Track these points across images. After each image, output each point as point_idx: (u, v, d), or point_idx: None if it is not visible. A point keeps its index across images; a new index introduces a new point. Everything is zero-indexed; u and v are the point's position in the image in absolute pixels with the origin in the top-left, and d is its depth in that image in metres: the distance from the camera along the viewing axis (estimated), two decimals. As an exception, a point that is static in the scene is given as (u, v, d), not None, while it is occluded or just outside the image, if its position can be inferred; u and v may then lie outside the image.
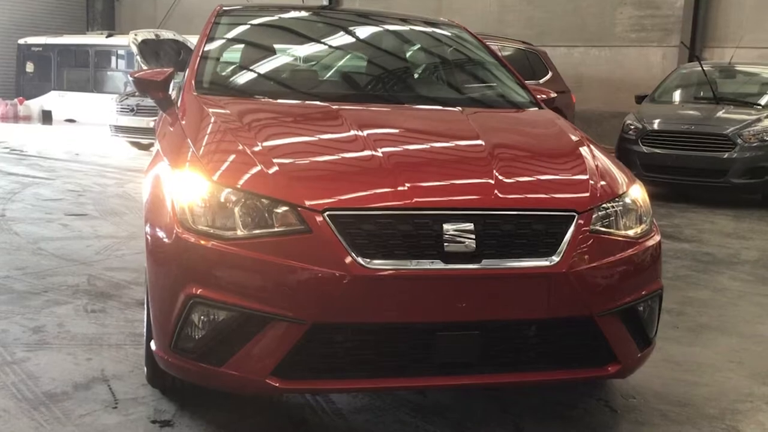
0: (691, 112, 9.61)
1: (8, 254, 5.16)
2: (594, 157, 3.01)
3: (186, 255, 2.47)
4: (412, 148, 2.99)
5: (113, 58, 18.52)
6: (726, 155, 8.78)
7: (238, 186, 2.52)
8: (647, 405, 3.13)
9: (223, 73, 3.65)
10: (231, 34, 3.97)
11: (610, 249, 2.66)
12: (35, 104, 18.83)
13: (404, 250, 2.42)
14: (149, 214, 2.71)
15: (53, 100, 18.67)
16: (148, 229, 2.67)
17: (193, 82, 3.44)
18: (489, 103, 3.81)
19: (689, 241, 6.73)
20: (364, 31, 4.29)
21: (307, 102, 3.45)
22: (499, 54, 4.16)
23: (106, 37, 18.37)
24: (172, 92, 3.66)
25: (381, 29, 4.33)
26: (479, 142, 2.97)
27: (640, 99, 10.48)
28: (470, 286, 2.46)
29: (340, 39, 4.18)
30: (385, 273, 2.37)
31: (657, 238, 2.88)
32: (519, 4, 16.74)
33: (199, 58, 3.60)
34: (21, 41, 19.53)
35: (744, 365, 3.64)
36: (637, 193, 2.92)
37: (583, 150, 3.06)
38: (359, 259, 2.36)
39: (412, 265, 2.40)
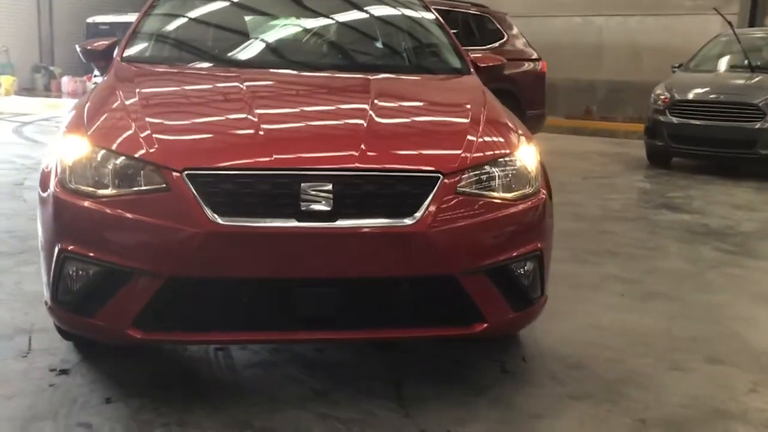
0: (722, 81, 9.28)
1: (7, 219, 5.48)
2: (484, 121, 3.02)
3: (59, 212, 2.63)
4: (292, 112, 3.08)
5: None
6: (757, 125, 8.47)
7: (112, 148, 2.66)
8: (543, 367, 3.15)
9: (147, 44, 3.79)
10: (167, 9, 4.11)
11: (477, 210, 2.68)
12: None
13: (261, 208, 2.51)
14: (42, 176, 2.88)
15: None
16: (39, 190, 2.84)
17: (118, 52, 3.61)
18: (410, 70, 3.83)
19: (692, 212, 6.57)
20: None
21: (214, 68, 3.57)
22: (439, 19, 4.14)
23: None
24: None
25: None
26: (363, 106, 3.01)
27: (675, 68, 10.17)
28: (324, 245, 2.54)
29: (270, 7, 4.25)
30: (236, 230, 2.46)
31: (539, 200, 2.88)
32: (571, -28, 16.38)
33: (131, 31, 3.76)
34: (89, 20, 20.25)
35: (671, 332, 3.59)
36: (525, 156, 2.92)
37: (474, 115, 3.06)
38: (213, 217, 2.46)
39: (266, 223, 2.49)
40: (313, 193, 2.52)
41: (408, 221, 2.56)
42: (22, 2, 19.81)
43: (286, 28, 4.13)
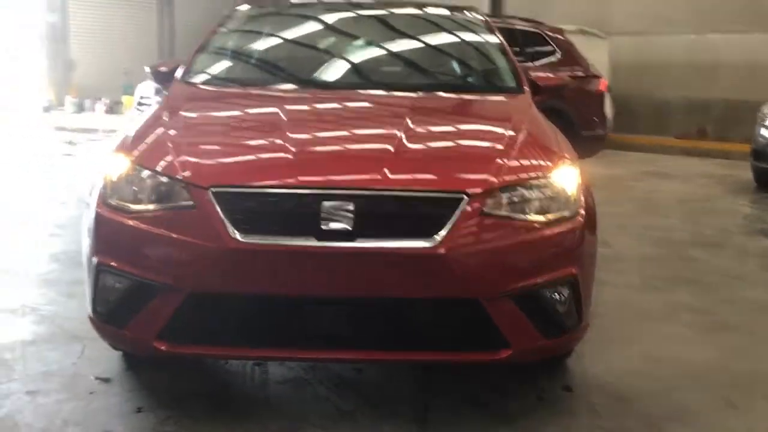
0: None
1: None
2: (521, 142, 2.94)
3: (98, 226, 2.75)
4: (325, 133, 3.11)
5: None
6: None
7: (148, 166, 2.76)
8: (583, 397, 3.03)
9: (204, 66, 3.90)
10: (226, 33, 4.22)
11: (504, 233, 2.62)
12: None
13: (282, 227, 2.54)
14: (91, 192, 3.01)
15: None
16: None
17: (180, 73, 3.75)
18: (460, 89, 3.77)
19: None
20: (361, 20, 4.39)
21: (263, 89, 3.64)
22: (499, 38, 4.08)
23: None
24: None
25: (379, 17, 4.43)
26: (396, 128, 2.99)
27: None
28: (342, 264, 2.53)
29: (334, 28, 4.30)
30: (256, 247, 2.50)
31: (575, 223, 2.77)
32: (682, -12, 15.80)
33: (195, 51, 3.90)
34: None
35: (730, 368, 3.37)
36: (563, 178, 2.82)
37: (511, 136, 2.98)
38: (235, 234, 2.51)
39: (285, 241, 2.52)
40: (334, 212, 2.53)
41: (429, 243, 2.52)
42: (145, 25, 20.84)
43: (341, 47, 4.17)
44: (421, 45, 4.20)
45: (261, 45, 4.21)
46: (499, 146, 2.89)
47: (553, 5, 17.14)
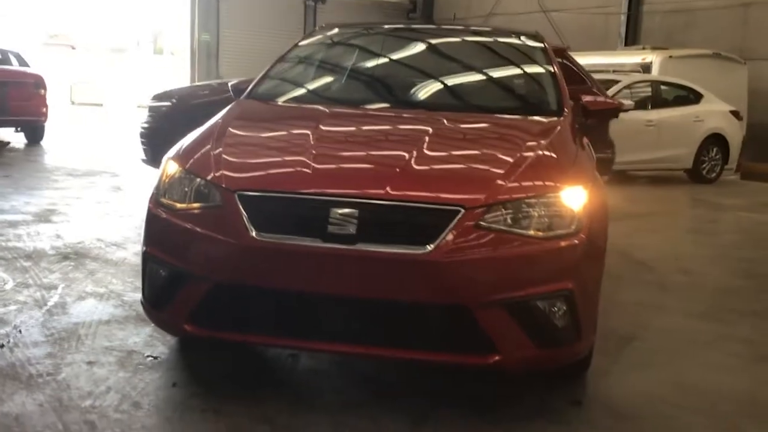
0: None
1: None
2: (532, 161, 3.10)
3: (149, 220, 3.16)
4: (349, 147, 3.43)
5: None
6: None
7: (187, 168, 3.15)
8: (588, 413, 3.12)
9: (269, 84, 4.27)
10: (295, 55, 4.60)
11: (498, 245, 2.79)
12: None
13: (294, 228, 2.84)
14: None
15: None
16: None
17: (249, 89, 4.16)
18: (496, 110, 3.91)
19: None
20: (418, 45, 4.65)
21: (310, 105, 4.00)
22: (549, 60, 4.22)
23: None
24: None
25: (435, 42, 4.69)
26: (415, 144, 3.23)
27: None
28: (343, 264, 2.80)
29: (391, 52, 4.56)
30: (268, 245, 2.81)
31: (574, 240, 2.89)
32: None
33: (264, 72, 4.32)
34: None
35: (756, 397, 3.33)
36: (569, 198, 2.95)
37: (523, 156, 3.14)
38: (252, 232, 2.84)
39: (294, 240, 2.82)
40: (341, 217, 2.80)
41: (421, 250, 2.74)
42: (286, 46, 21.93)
43: (388, 67, 4.45)
44: (470, 69, 4.41)
45: (314, 70, 4.55)
46: (507, 165, 3.06)
47: (693, 29, 16.64)
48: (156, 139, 7.53)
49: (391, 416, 2.95)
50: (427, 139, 3.29)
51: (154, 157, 7.66)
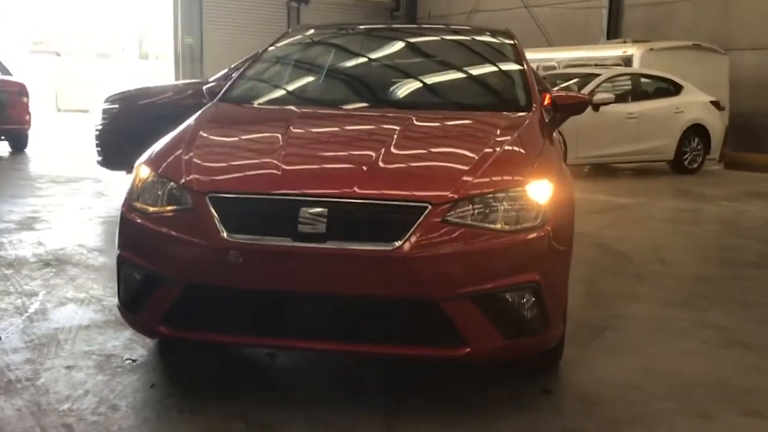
0: None
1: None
2: (497, 157, 3.16)
3: (122, 224, 3.21)
4: (318, 147, 3.48)
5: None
6: None
7: (159, 172, 3.19)
8: (557, 399, 3.19)
9: (249, 85, 4.32)
10: (280, 52, 4.67)
11: (464, 239, 2.85)
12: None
13: (264, 228, 2.89)
14: None
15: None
16: None
17: (222, 92, 4.20)
18: (467, 107, 3.96)
19: None
20: (391, 45, 4.71)
21: (281, 107, 4.06)
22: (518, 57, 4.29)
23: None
24: None
25: (408, 41, 4.75)
26: (387, 139, 3.29)
27: None
28: (313, 263, 2.85)
29: (365, 52, 4.60)
30: (239, 245, 2.86)
31: (539, 233, 2.94)
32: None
33: (237, 75, 4.37)
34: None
35: (726, 382, 3.40)
36: (535, 191, 3.01)
37: (488, 151, 3.20)
38: (223, 233, 2.88)
39: (265, 240, 2.86)
40: (310, 216, 2.85)
41: (392, 245, 2.79)
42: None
43: (361, 67, 4.49)
44: (442, 67, 4.48)
45: (288, 71, 4.60)
46: (473, 160, 3.11)
47: (674, 21, 16.75)
48: (108, 141, 7.59)
49: (366, 410, 3.01)
50: (395, 136, 3.35)
51: (107, 159, 7.72)
